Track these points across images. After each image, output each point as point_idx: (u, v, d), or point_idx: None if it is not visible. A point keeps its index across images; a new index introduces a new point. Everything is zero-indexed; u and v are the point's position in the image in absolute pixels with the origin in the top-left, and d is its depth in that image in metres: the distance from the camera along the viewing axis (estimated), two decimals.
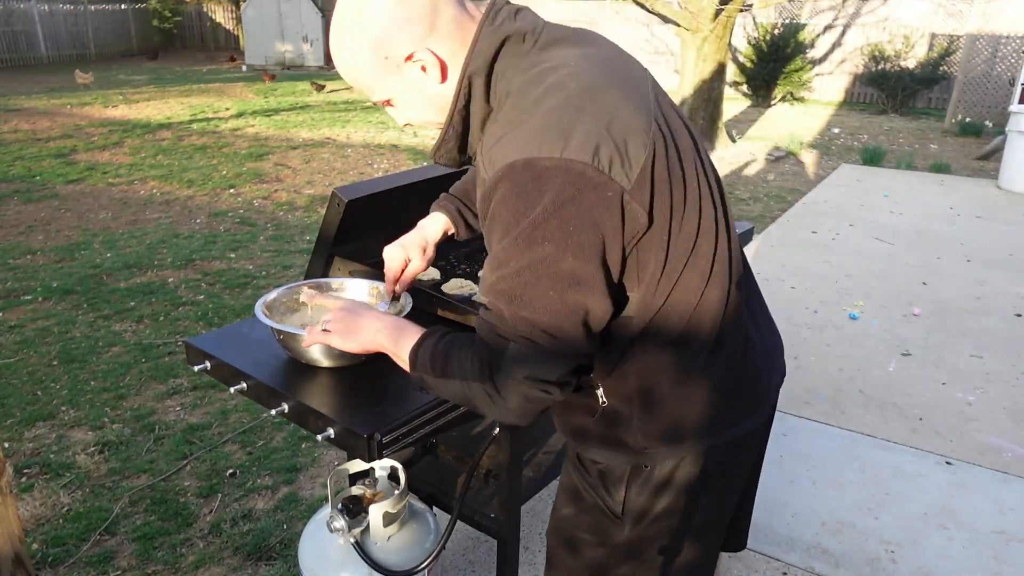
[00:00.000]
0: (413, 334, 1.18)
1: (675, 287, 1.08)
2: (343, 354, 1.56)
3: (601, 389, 1.16)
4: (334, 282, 1.80)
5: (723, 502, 1.34)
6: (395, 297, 1.60)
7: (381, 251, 1.58)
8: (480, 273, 1.10)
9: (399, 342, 1.20)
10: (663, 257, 1.05)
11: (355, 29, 1.06)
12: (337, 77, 16.03)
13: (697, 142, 1.15)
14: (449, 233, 1.59)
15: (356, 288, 1.79)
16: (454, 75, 1.08)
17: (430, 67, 1.07)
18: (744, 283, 1.22)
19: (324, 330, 1.36)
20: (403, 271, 1.55)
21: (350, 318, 1.31)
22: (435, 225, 1.59)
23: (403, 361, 1.19)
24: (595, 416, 1.19)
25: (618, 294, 1.04)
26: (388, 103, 1.15)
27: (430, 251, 1.58)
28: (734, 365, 1.19)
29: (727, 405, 1.20)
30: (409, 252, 1.55)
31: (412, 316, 1.73)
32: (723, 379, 1.18)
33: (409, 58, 1.07)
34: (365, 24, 1.05)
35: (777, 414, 3.17)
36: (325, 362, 1.58)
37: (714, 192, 1.14)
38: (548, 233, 0.95)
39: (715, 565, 1.46)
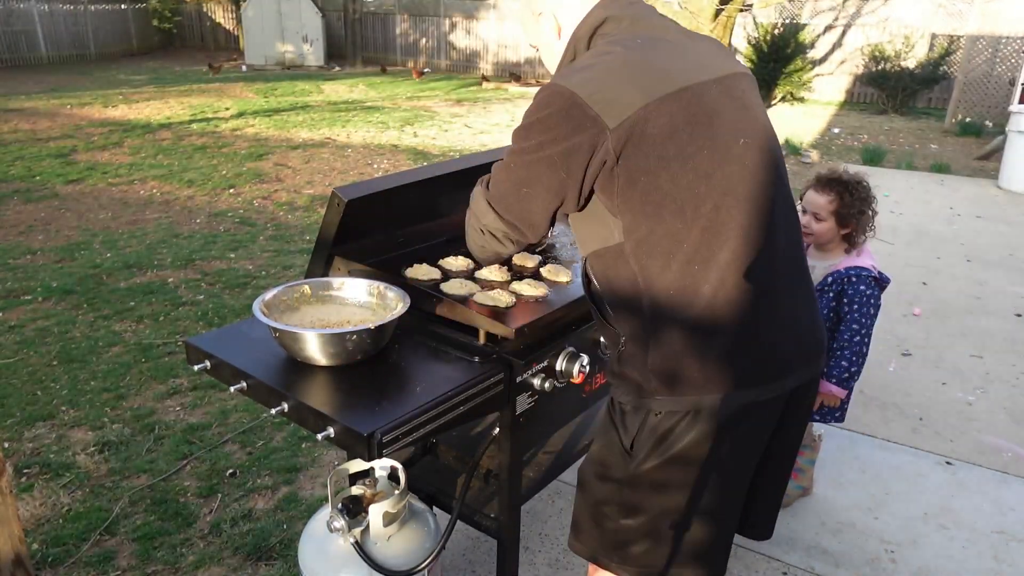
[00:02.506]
0: None
1: (666, 231, 1.25)
2: (341, 353, 1.57)
3: (620, 328, 1.35)
4: (335, 282, 1.80)
5: (730, 471, 1.37)
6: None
7: (381, 251, 1.58)
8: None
9: None
10: (647, 194, 1.25)
11: None
12: (346, 76, 16.03)
13: (763, 134, 1.33)
14: None
15: (356, 288, 1.79)
16: (567, 35, 1.43)
17: (551, 26, 1.45)
18: (779, 259, 1.32)
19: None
20: None
21: None
22: None
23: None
24: (620, 359, 1.37)
25: (572, 198, 1.32)
26: (534, 47, 1.53)
27: None
28: (745, 328, 1.28)
29: (730, 364, 1.28)
30: None
31: (411, 316, 1.74)
32: (729, 337, 1.27)
33: (540, 15, 1.46)
34: None
35: None
36: (324, 361, 1.58)
37: (754, 171, 1.29)
38: (534, 132, 1.30)
39: (726, 543, 1.46)
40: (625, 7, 1.38)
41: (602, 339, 1.44)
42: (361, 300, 1.78)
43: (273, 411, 1.50)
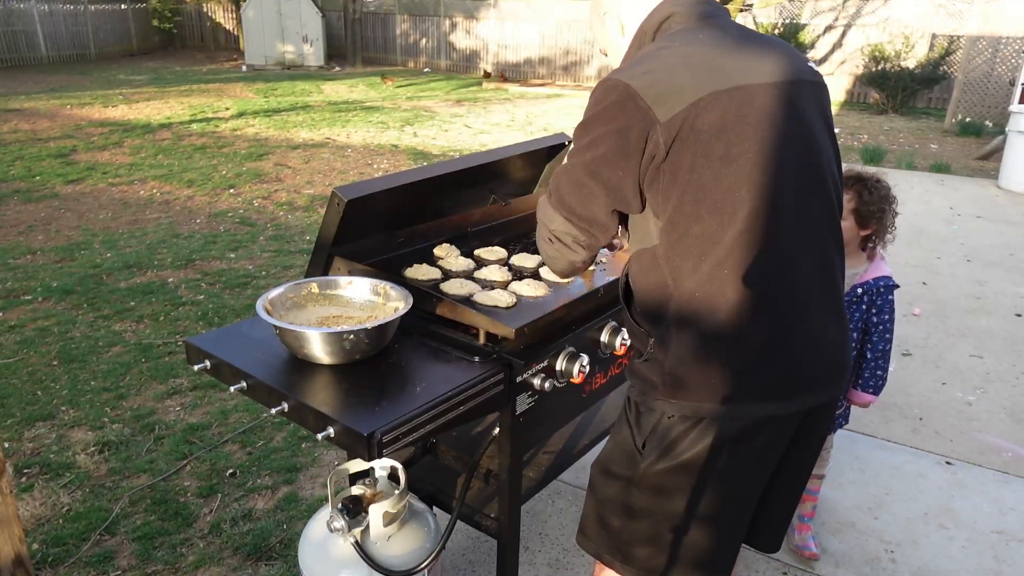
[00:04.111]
0: None
1: (702, 232, 1.24)
2: (342, 351, 1.57)
3: (649, 329, 1.35)
4: (342, 280, 1.80)
5: (739, 483, 1.35)
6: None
7: (381, 251, 1.58)
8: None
9: None
10: (688, 192, 1.24)
11: None
12: (346, 76, 16.02)
13: (818, 144, 1.32)
14: None
15: (358, 287, 1.79)
16: (630, 33, 1.45)
17: (616, 25, 1.47)
18: (812, 269, 1.31)
19: None
20: None
21: None
22: None
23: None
24: (642, 358, 1.37)
25: (633, 195, 1.31)
26: (603, 52, 1.55)
27: None
28: (770, 340, 1.26)
29: (751, 376, 1.26)
30: None
31: (411, 316, 1.74)
32: (752, 348, 1.26)
33: (605, 15, 1.49)
34: None
35: None
36: (325, 359, 1.58)
37: (790, 173, 1.26)
38: (593, 126, 1.30)
39: (730, 552, 1.45)
40: (692, 5, 1.37)
41: (631, 339, 1.44)
42: (366, 299, 1.78)
43: (273, 411, 1.50)
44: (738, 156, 1.23)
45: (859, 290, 2.24)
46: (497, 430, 1.76)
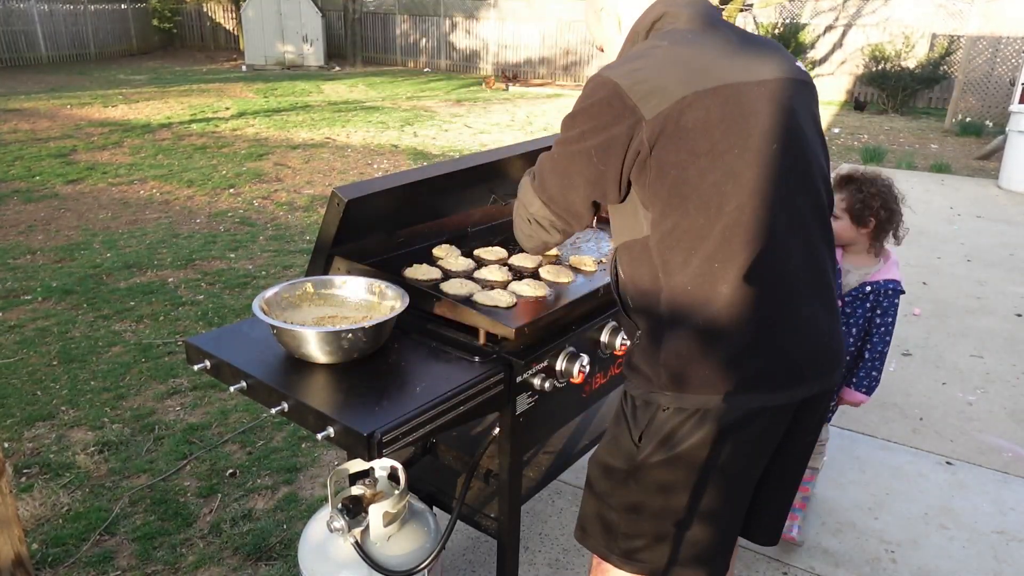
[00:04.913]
0: None
1: (690, 227, 1.26)
2: (339, 350, 1.57)
3: (638, 321, 1.37)
4: (337, 280, 1.80)
5: (735, 474, 1.36)
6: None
7: (381, 251, 1.58)
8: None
9: None
10: (675, 189, 1.26)
11: None
12: (346, 76, 16.02)
13: (806, 141, 1.33)
14: None
15: (354, 287, 1.79)
16: (626, 29, 1.46)
17: (612, 21, 1.49)
18: (802, 262, 1.32)
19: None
20: None
21: None
22: None
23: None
24: (636, 350, 1.39)
25: (613, 188, 1.33)
26: (599, 47, 1.56)
27: None
28: (761, 332, 1.28)
29: (742, 367, 1.28)
30: None
31: (411, 316, 1.74)
32: (743, 339, 1.27)
33: (601, 10, 1.50)
34: None
35: None
36: (322, 358, 1.58)
37: (776, 167, 1.27)
38: (579, 120, 1.33)
39: (727, 545, 1.45)
40: (684, 5, 1.39)
41: (625, 332, 1.48)
42: (362, 298, 1.78)
43: (273, 411, 1.50)
44: (724, 152, 1.25)
45: (867, 287, 2.25)
46: (497, 430, 1.76)
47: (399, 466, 1.68)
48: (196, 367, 1.67)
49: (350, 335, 1.55)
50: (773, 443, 1.40)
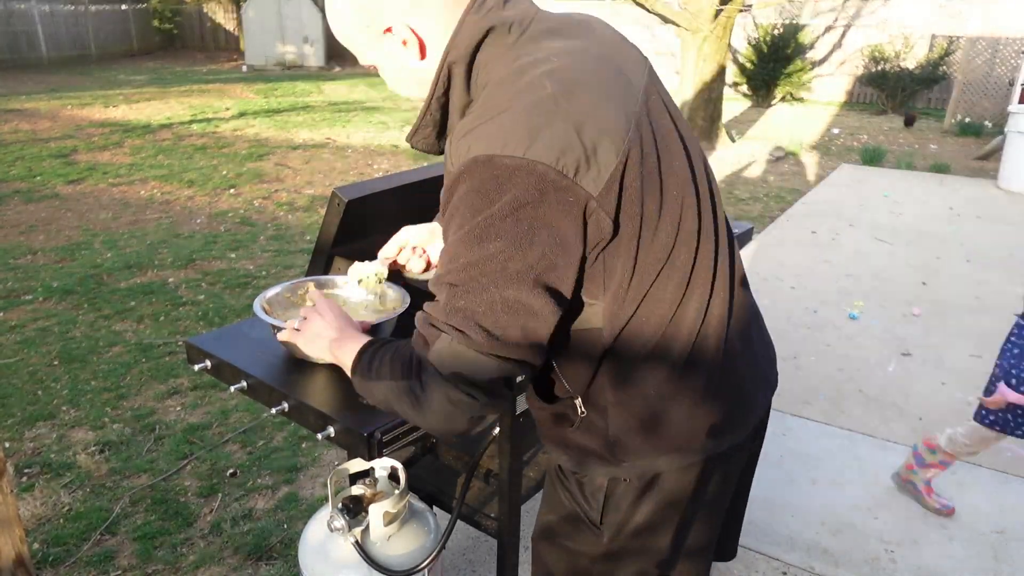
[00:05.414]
0: (358, 343, 1.17)
1: (647, 297, 1.04)
2: None
3: (579, 400, 1.14)
4: (339, 279, 1.80)
5: (708, 518, 1.28)
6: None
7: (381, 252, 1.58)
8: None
9: (345, 347, 1.19)
10: (631, 266, 1.01)
11: None
12: (346, 76, 16.03)
13: (689, 147, 1.11)
14: None
15: (355, 287, 1.79)
16: (435, 55, 1.05)
17: (409, 43, 1.05)
18: (733, 293, 1.17)
19: (296, 329, 1.38)
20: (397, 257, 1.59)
21: (310, 324, 1.33)
22: None
23: (347, 368, 1.16)
24: (574, 427, 1.16)
25: (575, 303, 1.02)
26: (375, 69, 1.14)
27: (431, 252, 1.59)
28: (714, 379, 1.14)
29: (706, 420, 1.15)
30: (423, 241, 1.58)
31: (410, 316, 1.74)
32: (702, 393, 1.13)
33: (388, 31, 1.05)
34: None
35: (777, 414, 3.17)
36: (323, 358, 1.58)
37: (702, 200, 1.10)
38: (501, 231, 0.92)
39: (707, 572, 1.42)
40: (503, 9, 1.04)
41: (547, 407, 1.20)
42: (364, 298, 1.78)
43: (273, 411, 1.50)
44: (666, 204, 1.04)
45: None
46: (497, 430, 1.76)
47: (399, 466, 1.68)
48: (196, 367, 1.67)
49: None
50: (742, 466, 1.35)
